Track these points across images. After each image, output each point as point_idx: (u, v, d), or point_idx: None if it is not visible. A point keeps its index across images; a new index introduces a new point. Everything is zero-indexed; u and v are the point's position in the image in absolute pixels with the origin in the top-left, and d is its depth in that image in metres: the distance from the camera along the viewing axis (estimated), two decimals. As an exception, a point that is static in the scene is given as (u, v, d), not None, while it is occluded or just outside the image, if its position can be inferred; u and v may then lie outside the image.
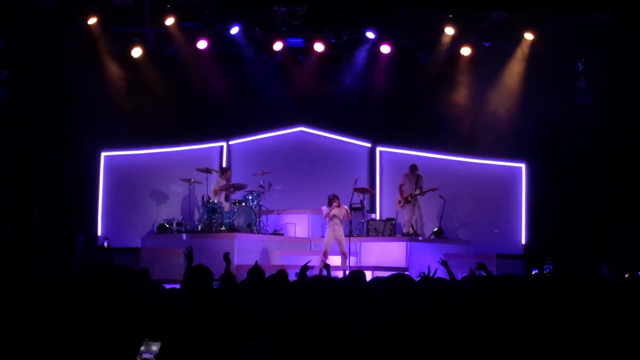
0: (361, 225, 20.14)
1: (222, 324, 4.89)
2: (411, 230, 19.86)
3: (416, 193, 20.18)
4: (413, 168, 20.57)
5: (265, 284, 8.54)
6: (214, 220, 19.51)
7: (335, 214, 18.27)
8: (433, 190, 20.13)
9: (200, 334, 5.06)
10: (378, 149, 22.26)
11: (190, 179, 20.44)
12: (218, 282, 8.22)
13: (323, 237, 18.92)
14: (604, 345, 4.79)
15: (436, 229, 20.19)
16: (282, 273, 9.04)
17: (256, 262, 10.23)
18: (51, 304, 5.15)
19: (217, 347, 5.00)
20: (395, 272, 5.77)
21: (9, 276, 5.51)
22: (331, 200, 18.32)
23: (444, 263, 10.08)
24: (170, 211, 21.17)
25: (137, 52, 21.06)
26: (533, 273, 16.29)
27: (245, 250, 18.55)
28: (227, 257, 10.11)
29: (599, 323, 5.01)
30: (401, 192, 20.55)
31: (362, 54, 21.59)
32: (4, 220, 19.02)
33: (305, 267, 9.98)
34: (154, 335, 4.20)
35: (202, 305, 5.83)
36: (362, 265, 18.33)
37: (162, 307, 5.70)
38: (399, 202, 20.55)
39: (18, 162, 19.81)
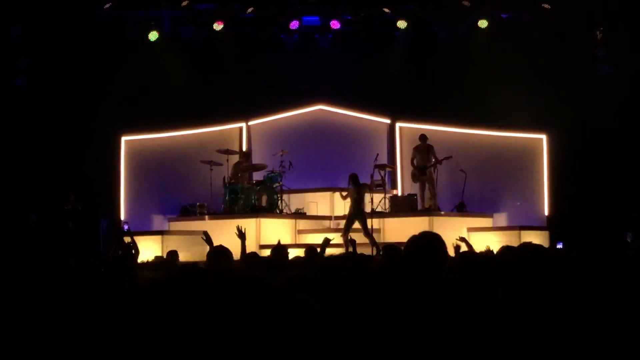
0: (383, 201, 20.12)
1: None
2: (432, 205, 19.78)
3: (430, 164, 20.02)
4: (423, 138, 20.22)
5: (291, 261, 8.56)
6: (236, 202, 19.54)
7: (351, 194, 18.29)
8: (447, 158, 19.96)
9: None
10: (398, 124, 22.18)
11: (211, 161, 20.46)
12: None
13: (345, 214, 18.97)
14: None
15: (458, 203, 20.12)
16: (312, 251, 9.04)
17: (279, 240, 10.22)
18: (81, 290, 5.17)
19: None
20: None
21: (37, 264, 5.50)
22: (348, 181, 18.36)
23: (462, 240, 10.01)
24: (192, 194, 21.23)
25: (153, 35, 21.09)
26: (558, 247, 16.21)
27: (267, 231, 18.58)
28: (241, 235, 9.78)
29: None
30: (413, 165, 20.37)
31: (378, 30, 21.50)
32: (28, 207, 19.15)
33: (327, 240, 9.76)
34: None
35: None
36: (384, 242, 18.33)
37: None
38: (414, 175, 20.38)
39: (39, 149, 19.91)
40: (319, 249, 9.81)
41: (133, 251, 8.50)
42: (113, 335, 1.30)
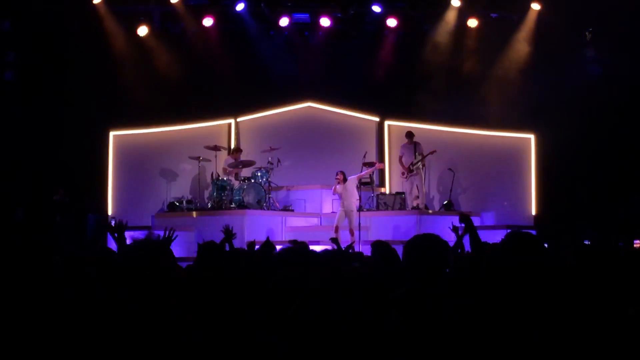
0: (371, 199, 20.13)
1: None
2: (420, 204, 19.80)
3: (416, 160, 20.02)
4: (410, 135, 20.32)
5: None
6: (223, 198, 19.51)
7: (341, 190, 18.30)
8: (432, 153, 20.01)
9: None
10: (386, 122, 22.16)
11: (199, 157, 20.46)
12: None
13: (333, 212, 19.01)
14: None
15: (446, 202, 20.16)
16: (303, 246, 8.96)
17: (267, 237, 10.17)
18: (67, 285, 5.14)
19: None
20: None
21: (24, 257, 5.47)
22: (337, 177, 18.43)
23: (454, 229, 9.92)
24: (179, 189, 21.22)
25: (143, 30, 21.04)
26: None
27: (255, 227, 18.56)
28: (227, 231, 9.72)
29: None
30: (402, 163, 20.35)
31: (368, 28, 21.51)
32: (16, 201, 19.10)
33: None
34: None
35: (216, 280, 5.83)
36: (372, 240, 18.34)
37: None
38: (403, 174, 20.40)
39: (27, 144, 19.85)
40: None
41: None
42: None
